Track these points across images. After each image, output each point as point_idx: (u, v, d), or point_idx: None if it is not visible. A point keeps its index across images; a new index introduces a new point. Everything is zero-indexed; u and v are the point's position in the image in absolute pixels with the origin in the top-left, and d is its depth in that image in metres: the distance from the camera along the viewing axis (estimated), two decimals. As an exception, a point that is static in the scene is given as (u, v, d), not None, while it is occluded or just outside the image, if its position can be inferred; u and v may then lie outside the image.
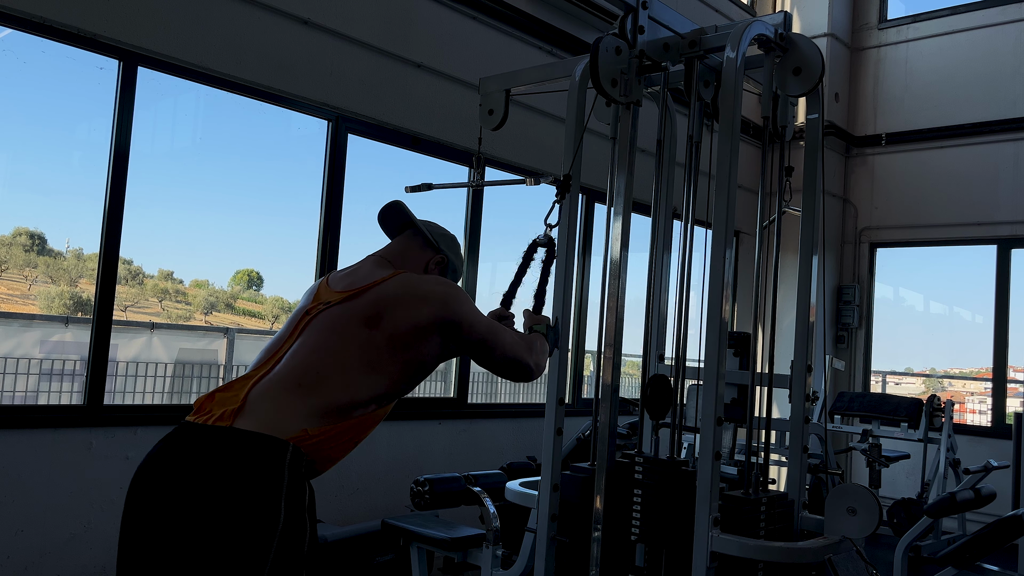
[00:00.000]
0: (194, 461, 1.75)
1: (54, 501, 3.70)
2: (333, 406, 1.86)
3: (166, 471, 1.76)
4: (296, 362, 1.91)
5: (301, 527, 1.78)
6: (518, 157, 5.67)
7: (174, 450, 1.80)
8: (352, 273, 2.13)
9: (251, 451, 1.75)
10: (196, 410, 1.89)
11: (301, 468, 1.80)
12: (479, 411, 5.76)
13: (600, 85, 2.49)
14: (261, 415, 1.80)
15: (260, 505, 1.71)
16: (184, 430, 1.84)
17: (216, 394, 1.90)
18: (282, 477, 1.75)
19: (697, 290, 2.51)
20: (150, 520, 1.74)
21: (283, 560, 1.72)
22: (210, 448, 1.76)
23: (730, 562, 2.26)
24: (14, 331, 4.77)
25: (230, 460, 1.74)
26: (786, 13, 2.61)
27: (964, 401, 9.25)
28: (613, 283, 2.57)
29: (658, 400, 2.46)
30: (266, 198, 5.36)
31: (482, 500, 3.57)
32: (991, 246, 7.81)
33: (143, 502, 1.76)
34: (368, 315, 1.96)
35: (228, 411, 1.81)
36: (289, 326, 2.04)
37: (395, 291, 2.00)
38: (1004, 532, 4.11)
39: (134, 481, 1.81)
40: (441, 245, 2.29)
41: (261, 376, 1.91)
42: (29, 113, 4.35)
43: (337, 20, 4.77)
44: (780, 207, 2.67)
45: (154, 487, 1.76)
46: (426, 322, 1.98)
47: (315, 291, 2.11)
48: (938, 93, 8.14)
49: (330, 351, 1.92)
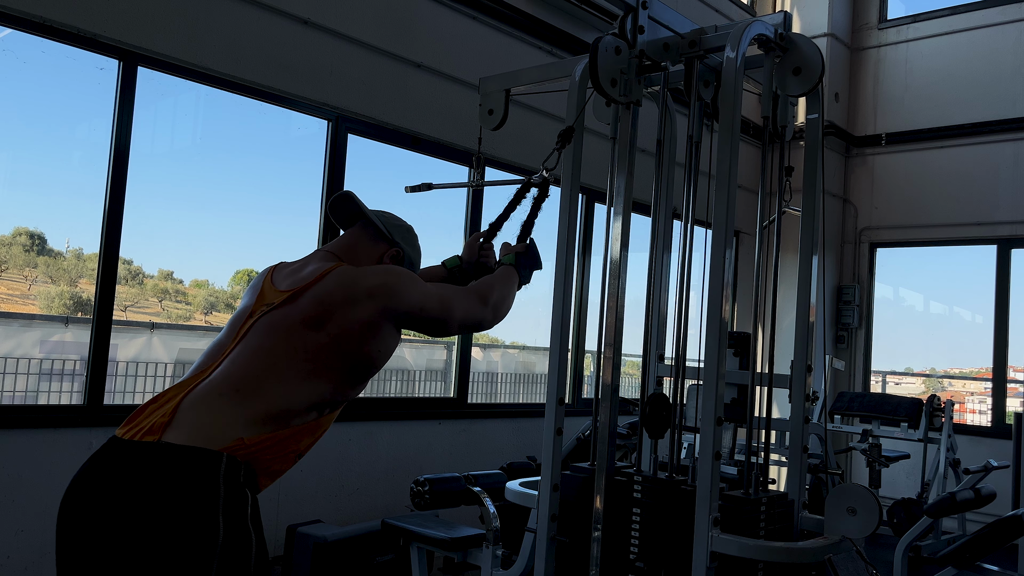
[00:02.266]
0: (122, 481, 1.65)
1: (54, 501, 3.69)
2: (272, 413, 1.77)
3: (93, 493, 1.67)
4: (235, 368, 1.81)
5: (245, 540, 1.67)
6: (518, 157, 5.67)
7: (100, 470, 1.70)
8: (298, 269, 2.01)
9: (181, 466, 1.65)
10: (127, 422, 1.79)
11: (239, 478, 1.69)
12: (479, 411, 5.76)
13: (600, 85, 2.49)
14: (193, 426, 1.70)
15: (196, 522, 1.61)
16: (111, 447, 1.73)
17: (148, 406, 1.80)
18: (217, 490, 1.65)
19: (697, 290, 2.51)
20: (81, 546, 1.65)
21: None
22: (138, 466, 1.66)
23: (730, 562, 2.25)
24: (14, 331, 4.77)
25: (160, 478, 1.64)
26: (786, 13, 2.61)
27: (964, 401, 9.25)
28: (613, 283, 2.57)
29: (657, 419, 2.45)
30: (266, 198, 5.36)
31: (482, 500, 3.57)
32: (991, 246, 7.82)
33: (72, 527, 1.68)
34: (310, 316, 1.86)
35: (157, 423, 1.71)
36: (231, 330, 1.93)
37: (336, 288, 1.89)
38: (1004, 532, 4.11)
39: (62, 505, 1.71)
40: (395, 236, 2.16)
41: (197, 383, 1.81)
42: (29, 113, 4.34)
43: (337, 20, 4.77)
44: (780, 207, 2.66)
45: (82, 511, 1.67)
46: (374, 318, 1.89)
47: (259, 289, 1.99)
48: (938, 93, 8.14)
49: (270, 356, 1.82)
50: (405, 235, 2.20)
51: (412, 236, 2.23)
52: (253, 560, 1.69)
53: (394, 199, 4.72)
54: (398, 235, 2.17)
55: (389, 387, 6.93)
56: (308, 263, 2.04)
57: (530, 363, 8.34)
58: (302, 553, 4.11)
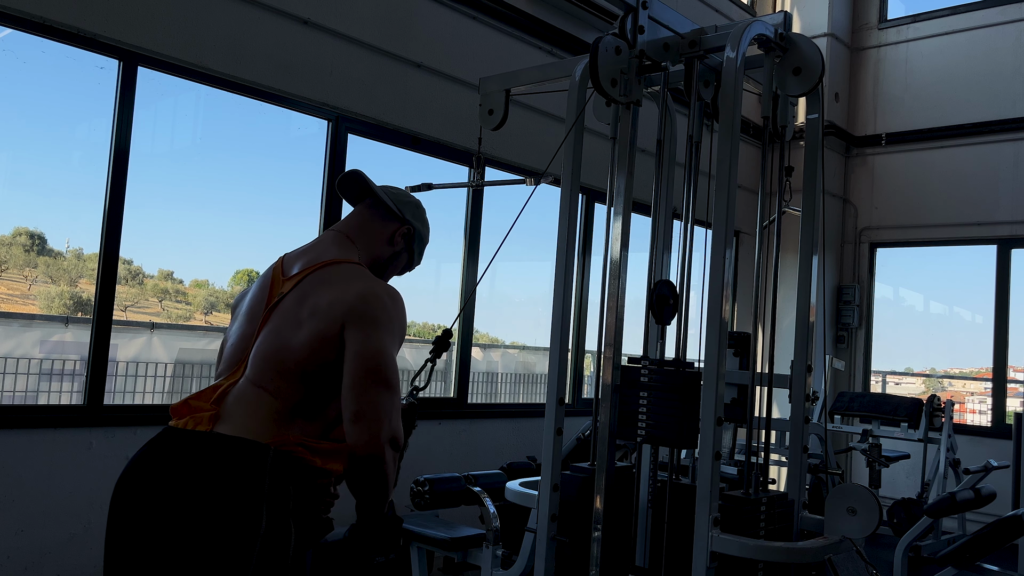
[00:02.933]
0: (179, 467, 1.73)
1: (54, 501, 3.70)
2: (302, 406, 1.83)
3: (152, 476, 1.74)
4: (262, 365, 1.85)
5: (285, 532, 1.74)
6: (518, 157, 5.67)
7: (160, 455, 1.77)
8: (307, 252, 2.01)
9: (232, 456, 1.72)
10: (177, 413, 1.85)
11: (285, 472, 1.75)
12: (479, 411, 5.76)
13: (600, 85, 2.49)
14: (239, 420, 1.77)
15: (241, 510, 1.68)
16: (168, 435, 1.81)
17: (191, 401, 1.85)
18: (263, 481, 1.71)
19: (697, 290, 2.51)
20: (136, 526, 1.72)
21: (265, 565, 1.69)
22: (194, 453, 1.74)
23: (730, 562, 2.25)
24: (14, 331, 4.77)
25: (213, 465, 1.72)
26: (786, 13, 2.61)
27: (964, 401, 9.25)
28: (613, 283, 2.57)
29: (664, 304, 2.47)
30: (266, 198, 5.36)
31: (482, 500, 3.57)
32: (991, 246, 7.81)
33: (130, 508, 1.74)
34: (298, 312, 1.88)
35: (207, 416, 1.78)
36: (251, 324, 1.94)
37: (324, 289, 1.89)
38: (1004, 532, 4.11)
39: (120, 486, 1.78)
40: (406, 214, 2.13)
41: (234, 381, 1.86)
42: (29, 113, 4.34)
43: (337, 20, 4.77)
44: (780, 207, 2.67)
45: (141, 493, 1.74)
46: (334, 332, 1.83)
47: (270, 280, 1.99)
48: (938, 93, 8.14)
49: (285, 349, 1.85)
50: (415, 211, 2.17)
51: (421, 212, 2.20)
52: (291, 552, 1.75)
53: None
54: (408, 212, 2.15)
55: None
56: (319, 244, 2.04)
57: (530, 363, 8.34)
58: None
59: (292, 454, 1.77)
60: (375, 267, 2.12)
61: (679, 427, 2.35)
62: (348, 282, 1.89)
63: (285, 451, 1.76)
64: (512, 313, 7.72)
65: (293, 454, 1.77)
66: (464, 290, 5.53)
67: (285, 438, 1.77)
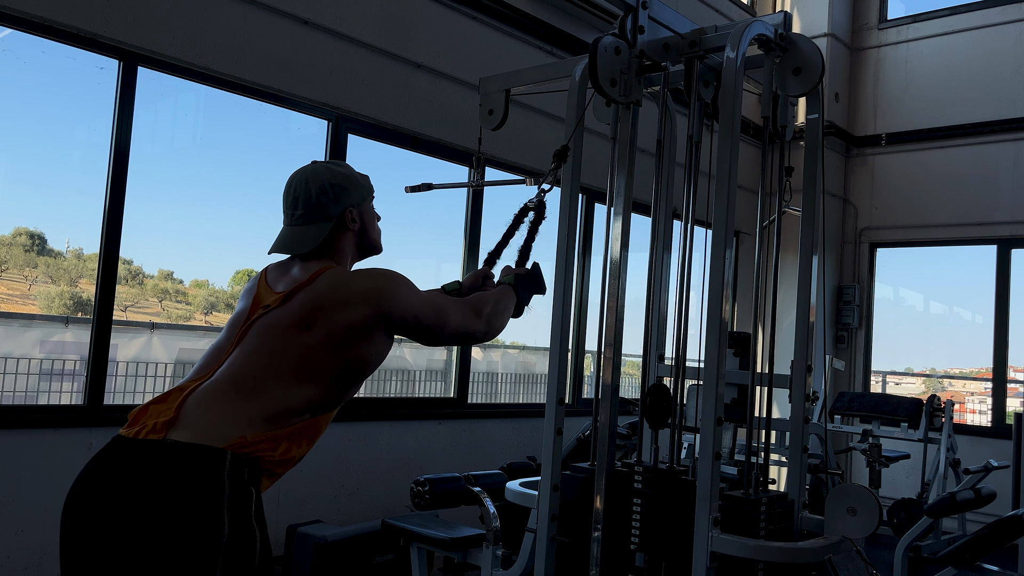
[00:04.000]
0: (127, 478, 1.67)
1: (54, 501, 3.70)
2: (271, 413, 1.80)
3: (99, 490, 1.68)
4: (235, 369, 1.84)
5: (249, 536, 1.70)
6: (518, 157, 5.67)
7: (106, 467, 1.71)
8: (287, 269, 2.02)
9: (187, 463, 1.67)
10: (130, 423, 1.80)
11: (243, 475, 1.72)
12: (479, 411, 5.76)
13: (600, 85, 2.49)
14: (196, 424, 1.73)
15: (201, 518, 1.63)
16: (115, 446, 1.75)
17: (151, 406, 1.81)
18: (222, 486, 1.67)
19: (697, 290, 2.51)
20: (88, 543, 1.66)
21: (232, 573, 1.65)
22: (143, 464, 1.68)
23: (730, 562, 2.25)
24: (14, 331, 4.77)
25: (165, 475, 1.66)
26: (786, 13, 2.61)
27: (964, 401, 9.24)
28: (613, 283, 2.57)
29: (658, 409, 2.45)
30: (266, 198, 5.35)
31: (482, 500, 3.57)
32: (991, 246, 7.82)
33: (78, 524, 1.68)
34: (302, 318, 1.87)
35: (160, 422, 1.73)
36: (230, 332, 1.95)
37: (327, 291, 1.89)
38: (1004, 532, 4.11)
39: (67, 503, 1.72)
40: (332, 211, 2.03)
41: (199, 384, 1.84)
42: (29, 113, 4.34)
43: (337, 20, 4.77)
44: (780, 207, 2.67)
45: (88, 508, 1.68)
46: (366, 322, 1.89)
47: (255, 291, 2.00)
48: (938, 93, 8.14)
49: (267, 357, 1.84)
50: (332, 196, 2.04)
51: (335, 187, 2.04)
52: (258, 556, 1.71)
53: (394, 199, 4.71)
54: (332, 207, 2.03)
55: (389, 387, 6.93)
56: (295, 263, 2.04)
57: (530, 363, 8.34)
58: (302, 553, 4.11)
59: (249, 455, 1.74)
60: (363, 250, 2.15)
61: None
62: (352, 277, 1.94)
63: (242, 453, 1.73)
64: (512, 313, 7.70)
65: (250, 455, 1.74)
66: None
67: (243, 440, 1.74)
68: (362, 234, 2.12)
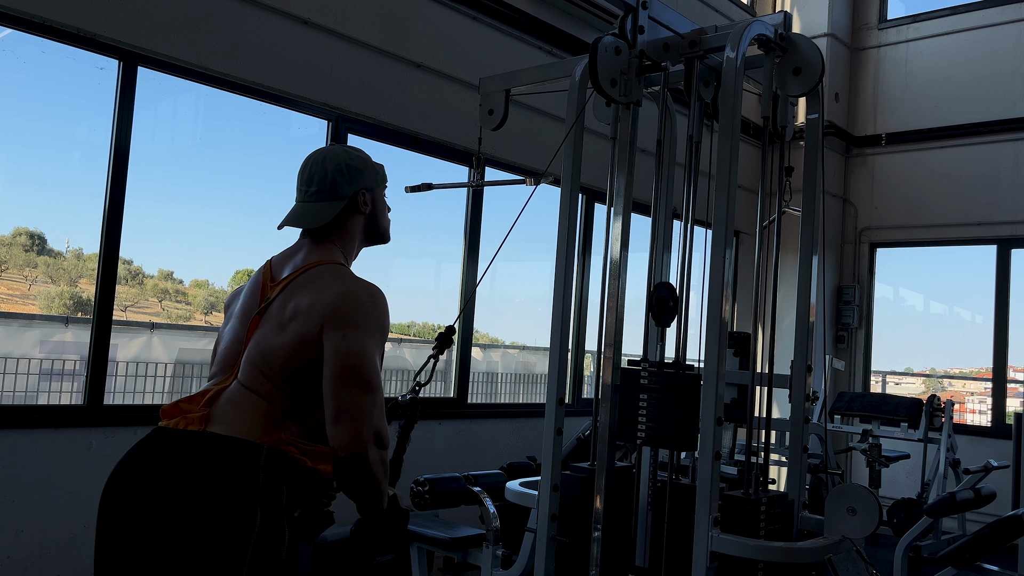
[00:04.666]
0: (171, 466, 1.72)
1: (54, 501, 3.70)
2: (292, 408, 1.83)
3: (144, 476, 1.74)
4: (252, 369, 1.85)
5: (279, 530, 1.74)
6: (518, 157, 5.67)
7: (152, 455, 1.77)
8: (291, 256, 2.02)
9: (226, 454, 1.72)
10: (168, 415, 1.84)
11: (278, 471, 1.75)
12: (479, 411, 5.76)
13: (600, 85, 2.49)
14: (230, 421, 1.77)
15: (236, 509, 1.68)
16: (159, 435, 1.80)
17: (181, 404, 1.85)
18: (256, 480, 1.71)
19: (697, 290, 2.51)
20: (128, 527, 1.71)
21: (260, 564, 1.69)
22: (187, 452, 1.74)
23: (730, 562, 2.26)
24: (14, 331, 4.77)
25: (206, 464, 1.71)
26: (786, 13, 2.61)
27: (964, 401, 9.25)
28: (613, 283, 2.57)
29: (663, 306, 2.46)
30: (266, 198, 5.35)
31: (482, 500, 3.57)
32: (991, 246, 7.81)
33: (121, 509, 1.73)
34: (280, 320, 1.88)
35: (197, 417, 1.78)
36: (242, 327, 1.95)
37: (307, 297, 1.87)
38: (1004, 532, 4.11)
39: (110, 486, 1.77)
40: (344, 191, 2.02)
41: (226, 385, 1.86)
42: (29, 113, 4.34)
43: (337, 20, 4.77)
44: (780, 207, 2.67)
45: (132, 493, 1.73)
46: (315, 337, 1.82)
47: (260, 284, 1.99)
48: (938, 93, 8.14)
49: (273, 355, 1.85)
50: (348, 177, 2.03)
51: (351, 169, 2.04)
52: (285, 550, 1.75)
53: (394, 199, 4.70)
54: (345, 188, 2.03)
55: (389, 387, 6.93)
56: (300, 248, 2.03)
57: (530, 363, 8.34)
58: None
59: (285, 454, 1.77)
60: (372, 236, 2.12)
61: (679, 429, 2.35)
62: (329, 284, 1.88)
63: (278, 450, 1.76)
64: (512, 313, 7.72)
65: (286, 454, 1.78)
66: (464, 290, 5.53)
67: (277, 437, 1.78)
68: (372, 218, 2.11)
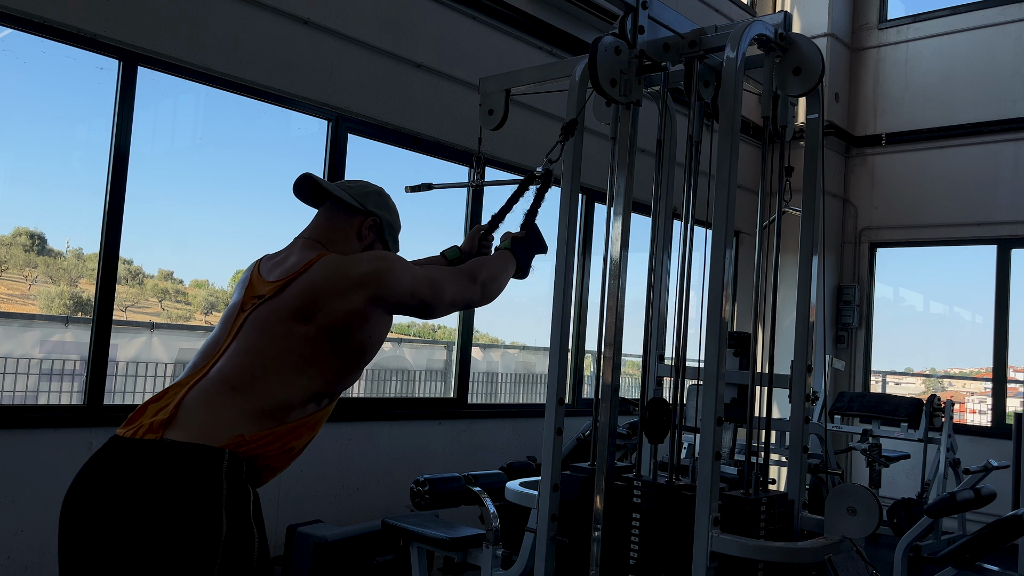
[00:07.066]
0: (125, 479, 1.66)
1: (54, 501, 3.69)
2: (269, 409, 1.78)
3: (97, 492, 1.67)
4: (230, 365, 1.81)
5: (247, 535, 1.69)
6: (518, 157, 5.67)
7: (103, 468, 1.70)
8: (283, 259, 2.00)
9: (184, 463, 1.66)
10: (127, 421, 1.79)
11: (241, 475, 1.71)
12: (479, 411, 5.76)
13: (600, 85, 2.49)
14: (193, 424, 1.71)
15: (199, 517, 1.62)
16: (112, 446, 1.74)
17: (149, 405, 1.80)
18: (220, 486, 1.66)
19: (697, 290, 2.51)
20: (86, 544, 1.65)
21: (230, 572, 1.64)
22: (140, 464, 1.67)
23: (730, 562, 2.25)
24: (14, 331, 4.77)
25: (163, 474, 1.65)
26: (786, 13, 2.61)
27: (964, 401, 9.24)
28: (613, 283, 2.57)
29: (657, 424, 2.45)
30: (266, 198, 5.35)
31: (482, 500, 3.57)
32: (991, 246, 7.82)
33: (76, 525, 1.67)
34: (298, 308, 1.85)
35: (157, 422, 1.71)
36: (225, 326, 1.93)
37: (323, 278, 1.88)
38: (1004, 532, 4.11)
39: (65, 504, 1.71)
40: (368, 205, 2.10)
41: (196, 381, 1.81)
42: (29, 113, 4.34)
43: (337, 20, 4.77)
44: (780, 207, 2.66)
45: (86, 509, 1.67)
46: (364, 306, 1.88)
47: (248, 282, 1.98)
48: (938, 93, 8.14)
49: (263, 351, 1.82)
50: (378, 201, 2.14)
51: (384, 199, 2.17)
52: (256, 555, 1.70)
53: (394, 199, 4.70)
54: (370, 203, 2.12)
55: (389, 387, 6.93)
56: (291, 252, 2.02)
57: (530, 363, 8.34)
58: (302, 553, 4.11)
59: (247, 454, 1.73)
60: None
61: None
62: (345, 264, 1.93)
63: (240, 452, 1.72)
64: (512, 313, 7.72)
65: (248, 453, 1.73)
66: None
67: (241, 438, 1.73)
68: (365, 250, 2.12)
